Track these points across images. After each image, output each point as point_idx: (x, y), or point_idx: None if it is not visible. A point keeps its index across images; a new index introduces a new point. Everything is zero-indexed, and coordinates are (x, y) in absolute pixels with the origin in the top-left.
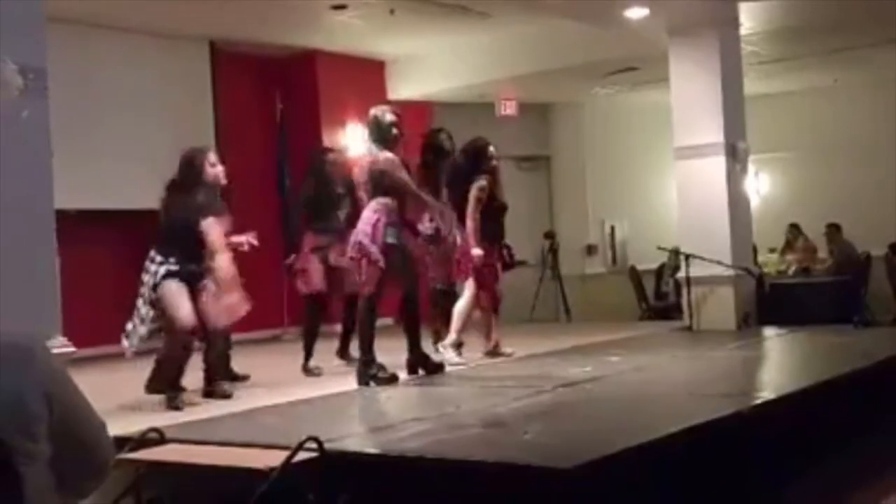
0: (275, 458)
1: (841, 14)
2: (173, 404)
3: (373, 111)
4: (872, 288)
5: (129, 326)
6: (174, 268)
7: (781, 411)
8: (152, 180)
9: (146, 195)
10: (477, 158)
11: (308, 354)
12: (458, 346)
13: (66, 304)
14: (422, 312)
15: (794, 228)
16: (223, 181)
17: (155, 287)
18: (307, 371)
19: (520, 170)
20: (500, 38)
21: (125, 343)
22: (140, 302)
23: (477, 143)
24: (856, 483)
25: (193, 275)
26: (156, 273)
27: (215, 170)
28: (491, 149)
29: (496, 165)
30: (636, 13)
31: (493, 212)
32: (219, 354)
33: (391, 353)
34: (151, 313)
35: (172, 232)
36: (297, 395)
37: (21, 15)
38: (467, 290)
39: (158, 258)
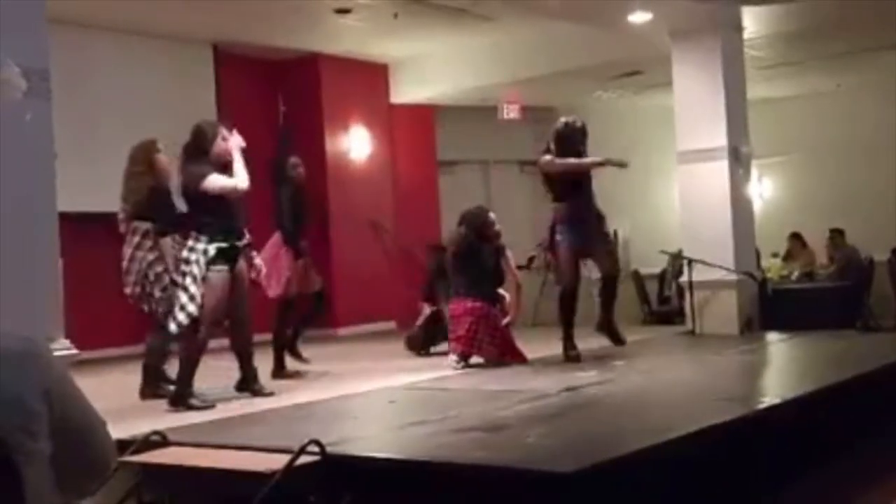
0: (277, 462)
1: (844, 18)
2: (189, 403)
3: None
4: (875, 293)
5: (176, 307)
6: (224, 245)
7: (785, 416)
8: None
9: None
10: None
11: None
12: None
13: (69, 307)
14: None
15: (796, 238)
16: (230, 157)
17: (208, 265)
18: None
19: (522, 173)
20: (504, 42)
21: (171, 324)
22: (188, 280)
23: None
24: (859, 487)
25: (237, 252)
26: (205, 252)
27: (225, 144)
28: (491, 216)
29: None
30: (639, 17)
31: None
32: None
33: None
34: (200, 292)
35: (198, 203)
36: (299, 399)
37: (24, 17)
38: None
39: (203, 237)
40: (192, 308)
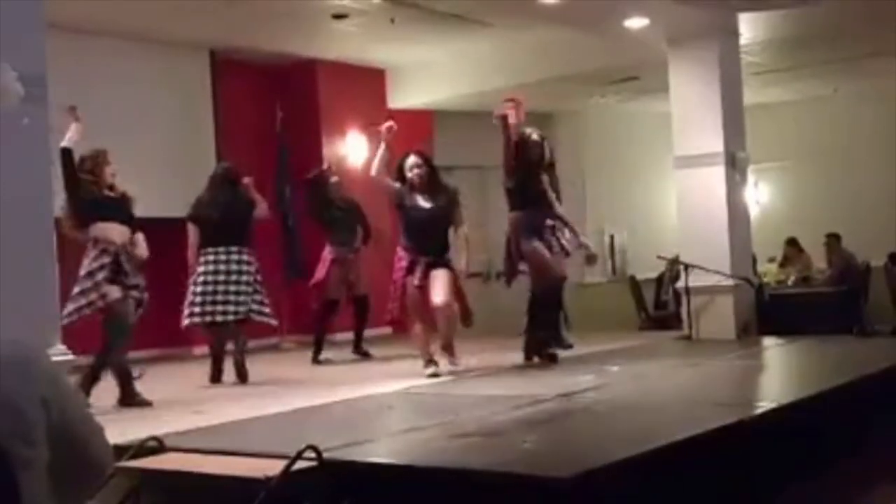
0: (273, 467)
1: (840, 24)
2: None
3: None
4: (872, 298)
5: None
6: None
7: (782, 421)
8: (152, 188)
9: (146, 203)
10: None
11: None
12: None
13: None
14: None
15: (792, 243)
16: None
17: None
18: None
19: None
20: (501, 47)
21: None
22: None
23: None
24: (855, 492)
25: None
26: None
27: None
28: (410, 160)
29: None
30: (636, 23)
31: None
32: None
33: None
34: None
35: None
36: (296, 404)
37: (21, 22)
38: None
39: None
40: None
